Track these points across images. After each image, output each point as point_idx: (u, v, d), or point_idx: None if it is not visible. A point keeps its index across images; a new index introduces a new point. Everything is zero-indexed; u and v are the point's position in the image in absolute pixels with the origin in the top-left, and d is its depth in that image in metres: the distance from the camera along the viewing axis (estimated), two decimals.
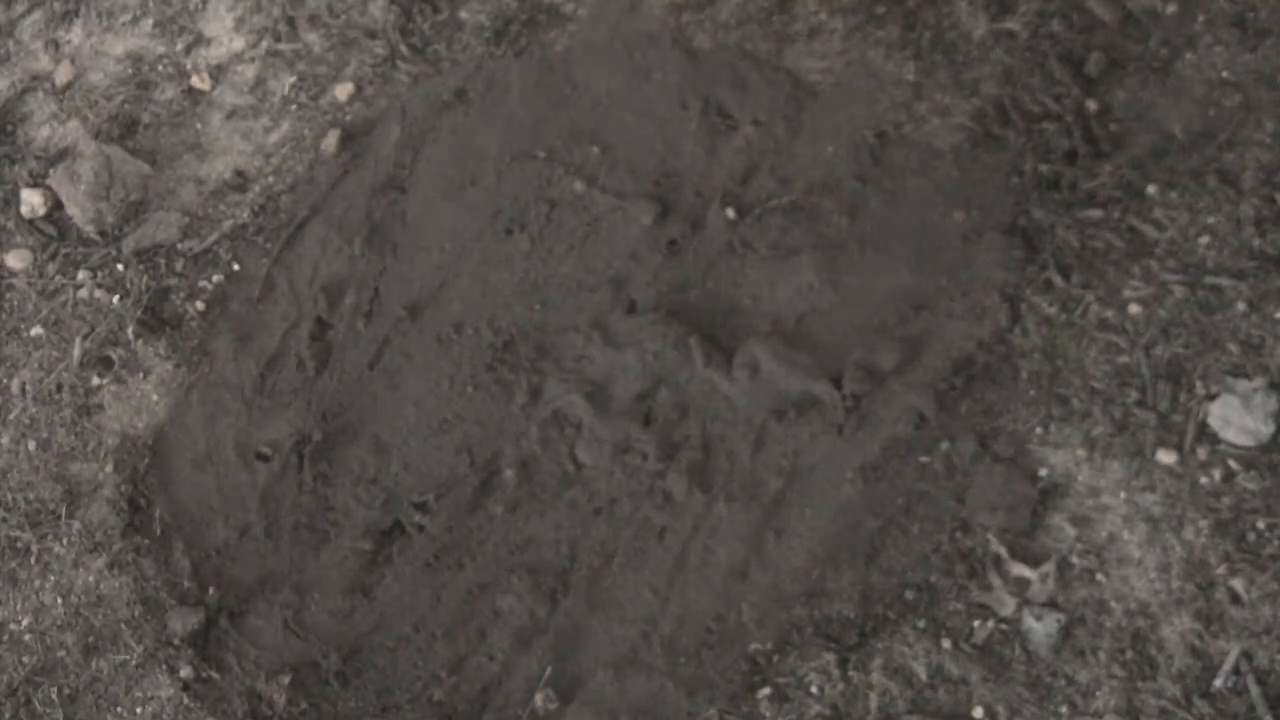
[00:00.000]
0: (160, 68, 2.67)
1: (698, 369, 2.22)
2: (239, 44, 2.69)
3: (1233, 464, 2.04)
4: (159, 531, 2.16)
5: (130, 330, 2.35)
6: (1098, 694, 1.89)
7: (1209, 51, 2.46)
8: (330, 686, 2.00)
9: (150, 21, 2.74)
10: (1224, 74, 2.42)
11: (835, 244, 2.33)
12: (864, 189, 2.39)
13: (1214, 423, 2.07)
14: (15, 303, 2.40)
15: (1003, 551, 2.01)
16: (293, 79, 2.63)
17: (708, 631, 2.01)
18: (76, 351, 2.33)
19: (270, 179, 2.54)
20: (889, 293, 2.27)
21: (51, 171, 2.50)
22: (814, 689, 1.94)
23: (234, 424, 2.26)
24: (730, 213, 2.38)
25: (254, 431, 2.26)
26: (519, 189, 2.45)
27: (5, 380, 2.32)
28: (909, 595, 2.00)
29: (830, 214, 2.36)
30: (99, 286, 2.40)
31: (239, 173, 2.55)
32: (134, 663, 2.03)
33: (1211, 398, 2.09)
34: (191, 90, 2.64)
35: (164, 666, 2.02)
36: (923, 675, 1.93)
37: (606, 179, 2.44)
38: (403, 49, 2.66)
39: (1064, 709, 1.89)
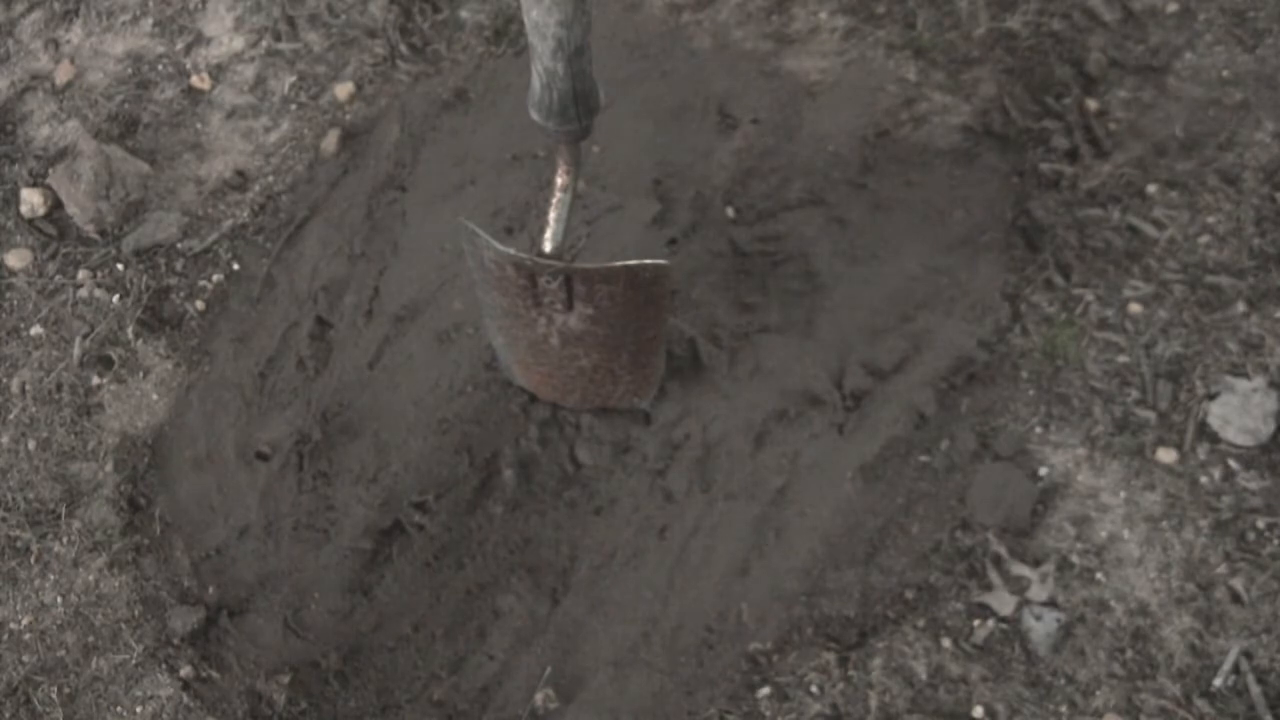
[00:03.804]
0: (160, 67, 2.68)
1: (698, 367, 2.22)
2: (239, 44, 2.69)
3: (1233, 463, 2.04)
4: (159, 531, 2.16)
5: (130, 330, 2.35)
6: (1098, 693, 1.89)
7: (1209, 51, 2.46)
8: (330, 686, 2.00)
9: (150, 21, 2.74)
10: (1224, 74, 2.43)
11: (835, 243, 2.33)
12: (864, 188, 2.39)
13: (1214, 422, 2.07)
14: (15, 302, 2.40)
15: (1003, 551, 2.02)
16: (293, 79, 2.64)
17: (708, 631, 2.01)
18: (76, 351, 2.33)
19: (270, 178, 2.54)
20: (889, 292, 2.27)
21: (51, 171, 2.49)
22: (814, 688, 1.94)
23: (234, 423, 2.26)
24: (730, 212, 2.38)
25: (254, 431, 2.25)
26: (519, 188, 2.45)
27: (5, 380, 2.31)
28: (909, 595, 2.00)
29: (830, 214, 2.36)
30: (99, 286, 2.40)
31: (239, 172, 2.55)
32: (134, 662, 2.03)
33: (1211, 397, 2.09)
34: (191, 90, 2.64)
35: (164, 666, 2.02)
36: (923, 675, 1.93)
37: (606, 178, 2.44)
38: (403, 48, 2.66)
39: (1064, 708, 1.89)
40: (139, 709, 1.99)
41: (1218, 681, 1.88)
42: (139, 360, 2.33)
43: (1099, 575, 1.98)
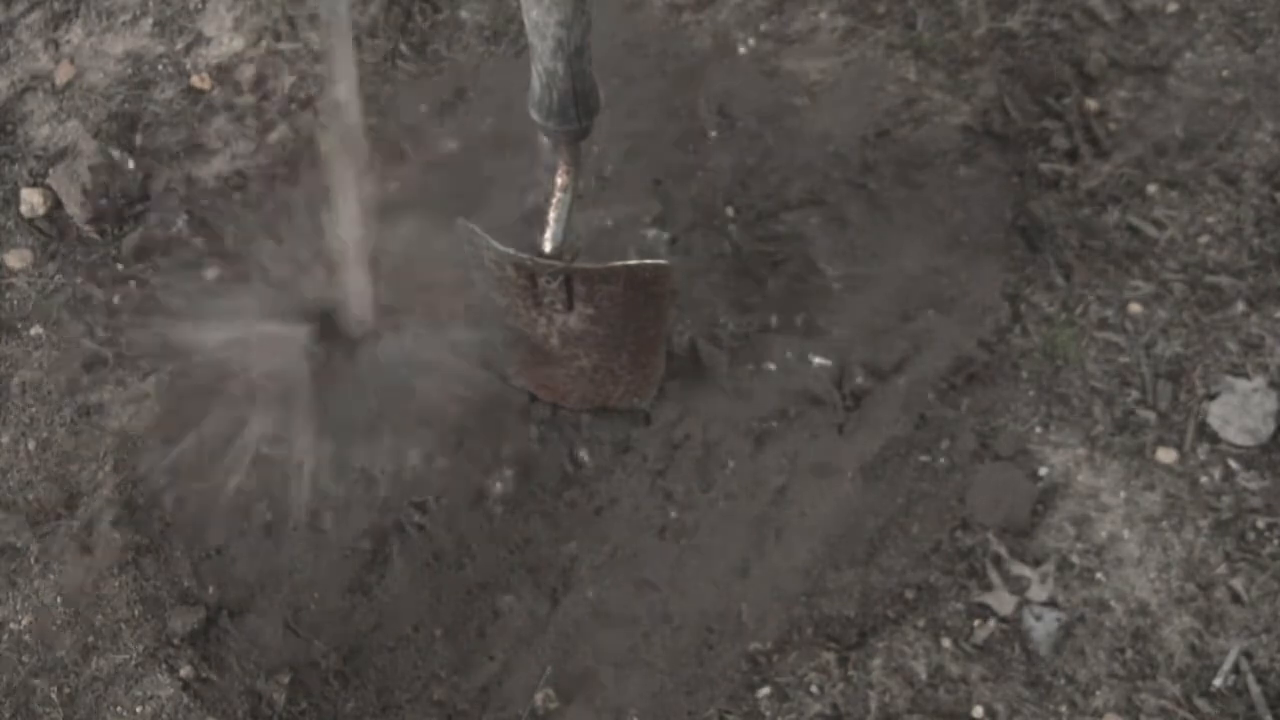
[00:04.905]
0: (160, 67, 2.67)
1: (699, 367, 2.22)
2: (239, 43, 2.69)
3: (1233, 463, 2.04)
4: (159, 531, 2.16)
5: (130, 330, 2.35)
6: (1098, 693, 1.89)
7: (1209, 51, 2.47)
8: (330, 686, 2.00)
9: (150, 21, 2.74)
10: (1224, 74, 2.43)
11: (835, 243, 2.33)
12: (864, 188, 2.39)
13: (1214, 422, 2.07)
14: (15, 302, 2.40)
15: (1003, 551, 2.02)
16: (293, 79, 2.63)
17: (708, 631, 2.01)
18: (76, 351, 2.33)
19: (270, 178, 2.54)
20: (889, 292, 2.28)
21: (51, 171, 2.49)
22: (814, 688, 1.94)
23: (234, 423, 2.26)
24: (730, 212, 2.38)
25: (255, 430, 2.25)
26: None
27: (5, 380, 2.31)
28: (909, 595, 2.00)
29: (830, 214, 2.36)
30: (99, 286, 2.40)
31: (239, 172, 2.55)
32: (134, 662, 2.03)
33: (1211, 397, 2.09)
34: (191, 90, 2.64)
35: (164, 666, 2.02)
36: (923, 675, 1.93)
37: (606, 178, 2.44)
38: (402, 48, 2.66)
39: (1064, 708, 1.89)
40: (139, 709, 1.99)
41: (1218, 681, 1.88)
42: (139, 360, 2.32)
43: (1099, 575, 1.98)
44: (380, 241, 2.20)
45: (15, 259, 2.44)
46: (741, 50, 2.58)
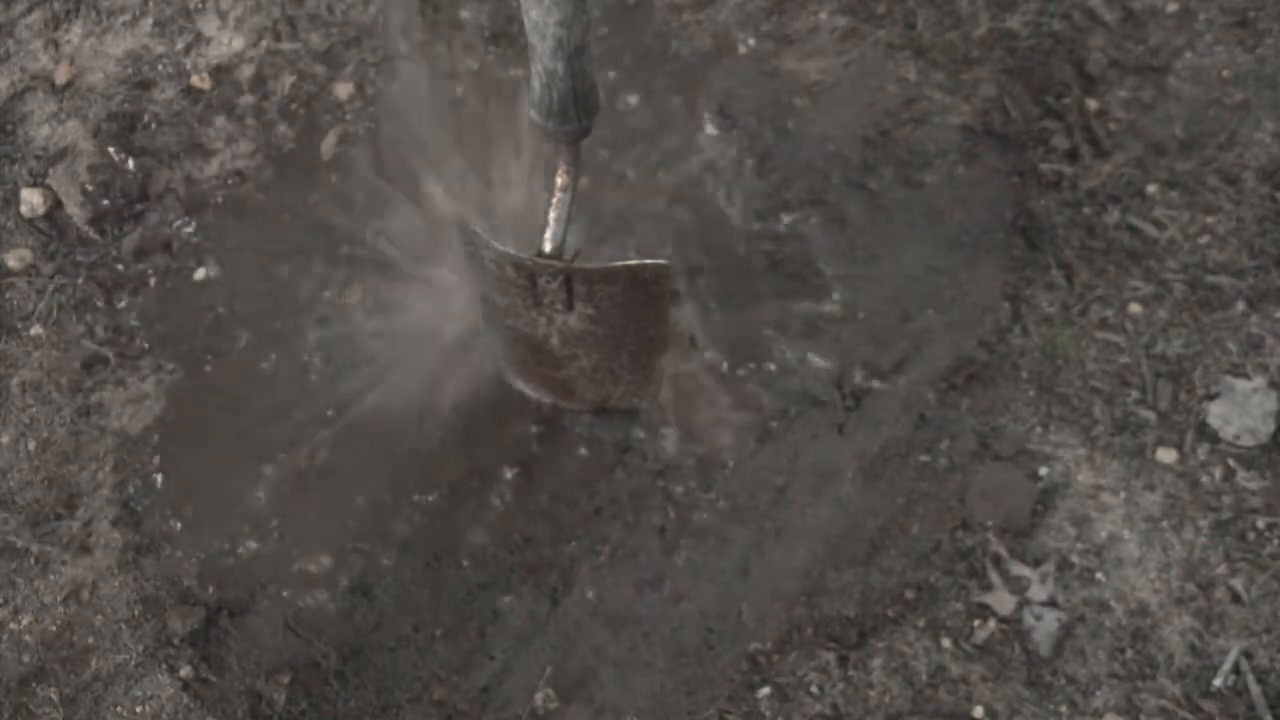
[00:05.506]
0: (160, 67, 2.67)
1: (699, 367, 2.22)
2: (239, 43, 2.69)
3: (1233, 463, 2.04)
4: (159, 531, 2.16)
5: (130, 330, 2.35)
6: (1098, 693, 1.89)
7: (1209, 51, 2.47)
8: (330, 686, 2.00)
9: (150, 21, 2.73)
10: (1224, 74, 2.43)
11: (835, 243, 2.33)
12: (864, 188, 2.39)
13: (1214, 422, 2.07)
14: (15, 302, 2.40)
15: (1003, 551, 2.02)
16: (293, 78, 2.63)
17: (708, 631, 2.01)
18: (76, 351, 2.33)
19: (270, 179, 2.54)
20: (889, 292, 2.28)
21: (51, 171, 2.49)
22: (814, 688, 1.94)
23: (234, 423, 2.26)
24: (730, 212, 2.38)
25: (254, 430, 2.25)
26: None
27: (5, 380, 2.31)
28: (909, 595, 2.00)
29: (830, 214, 2.37)
30: (99, 286, 2.40)
31: (238, 173, 2.55)
32: (134, 663, 2.03)
33: (1211, 397, 2.09)
34: (191, 90, 2.64)
35: (164, 666, 2.02)
36: (923, 675, 1.93)
37: (607, 178, 2.44)
38: (403, 48, 2.66)
39: (1064, 708, 1.89)
40: (139, 709, 1.99)
41: (1218, 681, 1.88)
42: (139, 360, 2.32)
43: (1099, 575, 1.98)
44: None
45: (15, 259, 2.44)
46: (741, 50, 2.58)
